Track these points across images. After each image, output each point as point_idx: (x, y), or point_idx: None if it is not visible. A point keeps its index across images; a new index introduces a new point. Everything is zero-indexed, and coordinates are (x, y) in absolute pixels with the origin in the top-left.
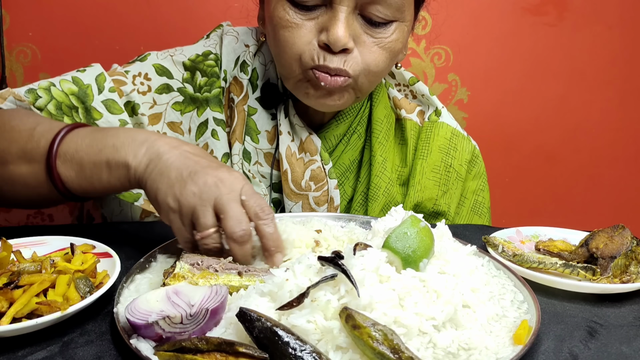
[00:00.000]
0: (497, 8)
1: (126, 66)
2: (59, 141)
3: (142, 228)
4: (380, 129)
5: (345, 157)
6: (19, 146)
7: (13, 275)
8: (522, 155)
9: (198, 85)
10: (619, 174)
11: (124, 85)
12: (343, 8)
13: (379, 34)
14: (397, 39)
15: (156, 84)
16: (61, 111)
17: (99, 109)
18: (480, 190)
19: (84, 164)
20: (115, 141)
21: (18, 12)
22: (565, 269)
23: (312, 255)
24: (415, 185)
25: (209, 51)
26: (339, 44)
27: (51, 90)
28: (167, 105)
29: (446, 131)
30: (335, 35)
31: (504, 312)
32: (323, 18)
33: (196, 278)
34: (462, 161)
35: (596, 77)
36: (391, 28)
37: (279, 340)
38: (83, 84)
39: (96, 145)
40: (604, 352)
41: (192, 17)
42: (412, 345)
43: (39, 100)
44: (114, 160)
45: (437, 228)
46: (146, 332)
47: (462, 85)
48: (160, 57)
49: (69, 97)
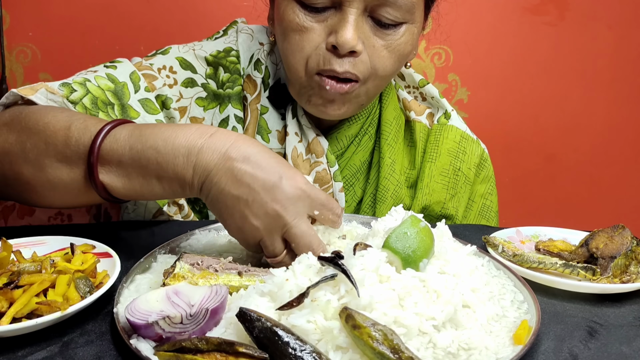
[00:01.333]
0: (498, 8)
1: (148, 59)
2: (97, 152)
3: (142, 228)
4: (390, 131)
5: (356, 158)
6: (57, 149)
7: (13, 275)
8: (522, 155)
9: (221, 81)
10: (619, 173)
11: (155, 79)
12: (352, 10)
13: (388, 36)
14: (407, 41)
15: (182, 77)
16: (96, 106)
17: (136, 108)
18: (488, 194)
19: (131, 178)
20: (157, 156)
21: (18, 12)
22: (565, 269)
23: (312, 255)
24: (424, 189)
25: (230, 47)
26: (348, 45)
27: (87, 85)
28: (191, 99)
29: (455, 134)
30: (344, 37)
31: (504, 312)
32: (332, 20)
33: (196, 278)
34: (471, 165)
35: (596, 77)
36: (401, 30)
37: (279, 340)
38: (119, 81)
39: (139, 160)
40: (604, 352)
41: (192, 17)
42: (412, 345)
43: (74, 93)
44: (165, 177)
45: (437, 228)
46: (146, 332)
47: (462, 85)
48: (182, 50)
49: (105, 93)
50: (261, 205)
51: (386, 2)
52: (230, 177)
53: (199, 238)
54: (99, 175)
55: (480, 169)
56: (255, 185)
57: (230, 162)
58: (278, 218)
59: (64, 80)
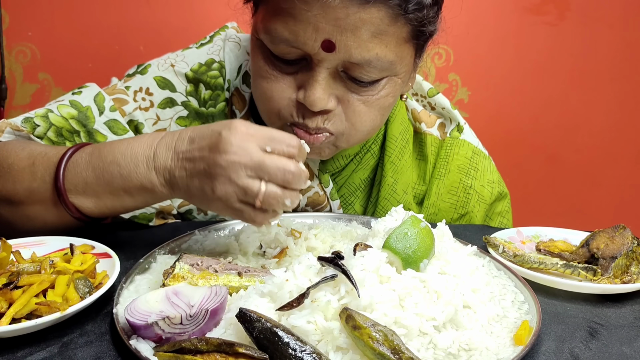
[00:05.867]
0: (498, 7)
1: (126, 81)
2: (62, 179)
3: (142, 228)
4: (394, 147)
5: (356, 177)
6: (24, 186)
7: (12, 275)
8: (522, 155)
9: (203, 99)
10: (619, 174)
11: (125, 104)
12: (322, 70)
13: (365, 92)
14: (388, 94)
15: (159, 98)
16: (62, 137)
17: (102, 131)
18: (505, 212)
19: (100, 196)
20: (120, 170)
21: (17, 11)
22: (566, 270)
23: (312, 256)
24: (429, 207)
25: (212, 60)
26: (316, 106)
27: (49, 116)
28: (171, 120)
29: (467, 150)
30: (311, 97)
31: (504, 313)
32: (302, 75)
33: (196, 278)
34: (484, 182)
35: (596, 77)
36: (380, 84)
37: (279, 341)
38: (82, 106)
39: (103, 178)
40: (605, 353)
41: (193, 17)
42: (413, 345)
43: (37, 128)
44: (132, 188)
45: (438, 228)
46: (146, 333)
47: (463, 85)
48: (162, 67)
49: (68, 122)
50: (216, 165)
51: (359, 65)
52: (186, 162)
53: (198, 238)
54: (71, 203)
55: (498, 186)
56: (203, 153)
57: (180, 150)
58: (234, 165)
59: (25, 115)
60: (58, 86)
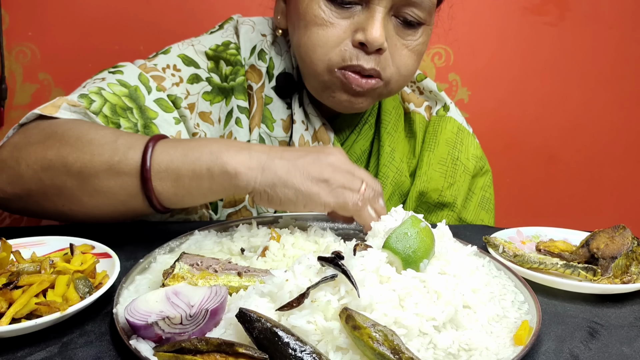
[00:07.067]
0: (498, 7)
1: (151, 60)
2: (151, 152)
3: (142, 228)
4: (389, 120)
5: (357, 147)
6: (103, 159)
7: (12, 275)
8: (522, 155)
9: (224, 74)
10: (619, 174)
11: (163, 80)
12: (380, 8)
13: (408, 36)
14: (424, 42)
15: (186, 74)
16: (116, 114)
17: (153, 108)
18: (487, 187)
19: (181, 173)
20: (212, 148)
21: (17, 11)
22: (566, 270)
23: (312, 256)
24: (422, 176)
25: (228, 41)
26: (376, 43)
27: (102, 93)
28: (198, 95)
29: (453, 125)
30: (372, 35)
31: (504, 313)
32: (359, 17)
33: (196, 278)
34: (469, 155)
35: (596, 77)
36: (420, 31)
37: (279, 341)
38: (130, 85)
39: (192, 154)
40: (605, 353)
41: (193, 17)
42: (413, 346)
43: (93, 104)
44: (216, 167)
45: (438, 228)
46: (146, 333)
47: (463, 85)
48: (182, 47)
49: (121, 99)
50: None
51: (413, 2)
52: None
53: (198, 238)
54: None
55: (480, 162)
56: (308, 150)
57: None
58: (341, 157)
59: (80, 91)
60: (58, 86)
